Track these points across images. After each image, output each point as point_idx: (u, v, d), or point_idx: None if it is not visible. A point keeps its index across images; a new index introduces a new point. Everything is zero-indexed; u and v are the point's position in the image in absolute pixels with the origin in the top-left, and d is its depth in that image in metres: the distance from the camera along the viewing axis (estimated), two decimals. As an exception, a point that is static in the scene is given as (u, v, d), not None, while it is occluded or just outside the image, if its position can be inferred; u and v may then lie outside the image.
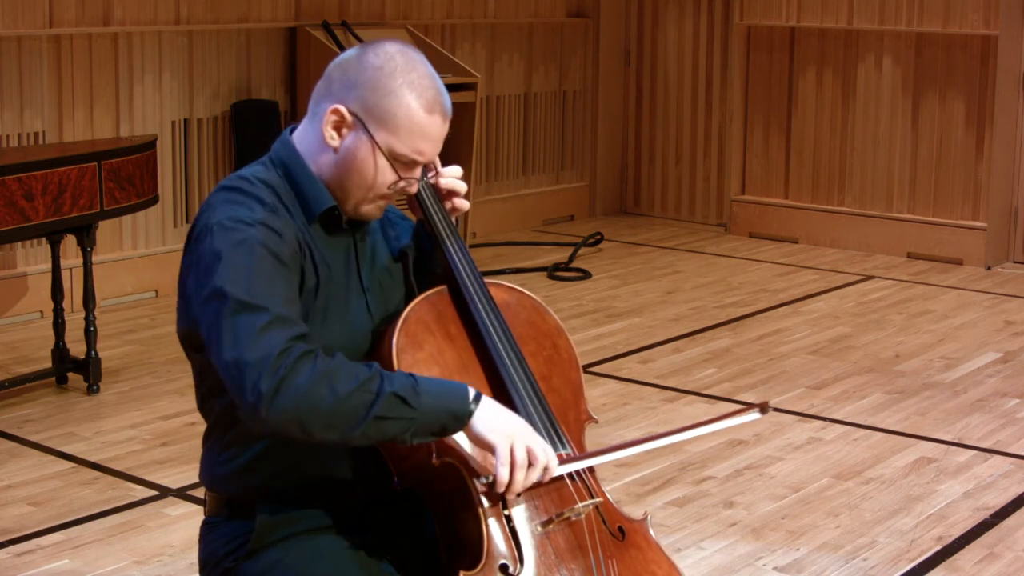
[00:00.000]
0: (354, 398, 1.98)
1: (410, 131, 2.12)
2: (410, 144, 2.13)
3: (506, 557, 2.09)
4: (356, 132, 2.13)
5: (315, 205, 2.17)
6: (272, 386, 1.94)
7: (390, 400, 1.99)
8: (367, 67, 2.13)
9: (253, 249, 2.04)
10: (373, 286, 2.26)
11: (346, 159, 2.15)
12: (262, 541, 2.17)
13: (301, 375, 1.95)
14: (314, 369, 1.97)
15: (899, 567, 3.64)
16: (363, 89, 2.12)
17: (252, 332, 1.97)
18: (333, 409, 1.97)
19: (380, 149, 2.13)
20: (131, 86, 6.26)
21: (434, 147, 2.17)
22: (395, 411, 2.00)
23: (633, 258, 7.55)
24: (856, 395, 5.12)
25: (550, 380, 2.29)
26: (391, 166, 2.14)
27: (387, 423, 2.00)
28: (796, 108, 8.02)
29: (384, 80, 2.11)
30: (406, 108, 2.11)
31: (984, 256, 7.37)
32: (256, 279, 2.02)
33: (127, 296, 6.30)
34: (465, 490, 2.11)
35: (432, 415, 2.02)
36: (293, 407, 1.95)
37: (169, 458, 4.37)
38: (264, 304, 1.99)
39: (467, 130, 7.06)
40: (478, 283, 2.26)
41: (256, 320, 1.98)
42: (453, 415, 2.04)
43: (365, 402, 1.98)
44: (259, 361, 1.95)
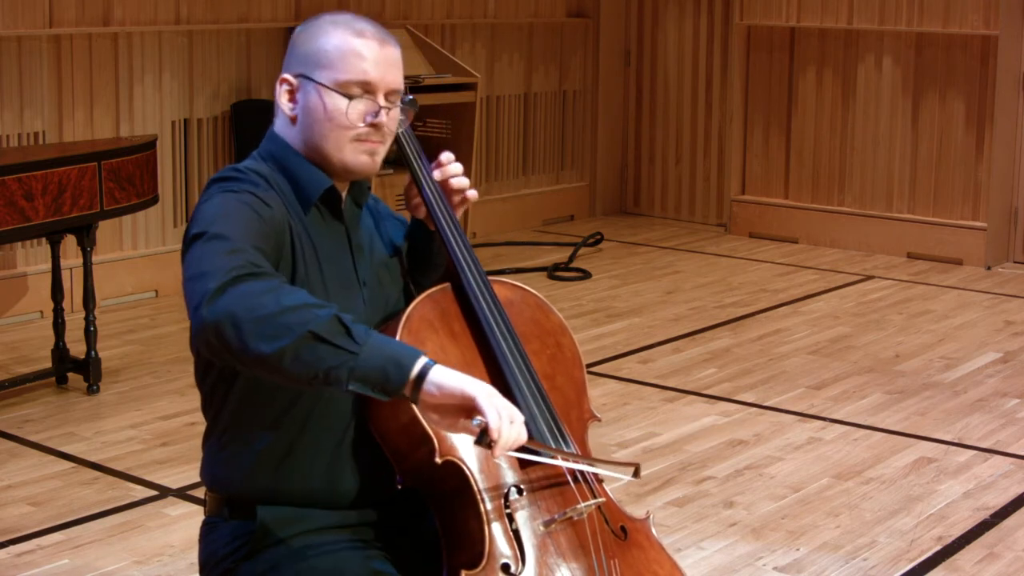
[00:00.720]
0: (298, 313, 1.86)
1: (345, 57, 2.16)
2: (351, 68, 2.15)
3: (508, 557, 2.09)
4: (303, 88, 2.18)
5: (311, 189, 2.19)
6: (220, 284, 1.87)
7: (333, 322, 1.87)
8: (296, 35, 2.23)
9: (235, 203, 2.06)
10: (370, 280, 2.26)
11: (305, 115, 2.19)
12: (263, 541, 2.17)
13: (253, 283, 1.89)
14: (268, 283, 1.90)
15: (899, 567, 3.64)
16: (297, 50, 2.20)
17: (217, 251, 1.94)
18: (272, 316, 1.85)
19: (325, 87, 2.16)
20: (131, 86, 6.26)
21: (378, 68, 2.16)
22: (335, 337, 1.86)
23: (633, 258, 7.55)
24: (856, 395, 5.12)
25: (554, 379, 2.29)
26: (340, 94, 2.16)
27: (324, 348, 1.86)
28: (796, 108, 8.02)
29: (311, 33, 2.20)
30: (335, 40, 2.17)
31: (984, 256, 7.37)
32: (232, 221, 2.01)
33: (127, 296, 6.30)
34: (467, 489, 2.11)
35: (375, 357, 1.87)
36: (233, 306, 1.85)
37: (169, 458, 4.37)
38: (233, 236, 1.97)
39: (467, 130, 7.06)
40: (482, 281, 2.26)
41: (223, 245, 1.95)
42: (397, 363, 1.88)
43: (306, 318, 1.86)
44: (215, 269, 1.90)
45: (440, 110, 7.00)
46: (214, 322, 1.86)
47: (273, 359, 1.86)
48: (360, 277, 2.24)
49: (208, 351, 1.91)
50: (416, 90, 6.52)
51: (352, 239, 2.26)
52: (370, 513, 2.23)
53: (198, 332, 1.89)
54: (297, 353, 1.85)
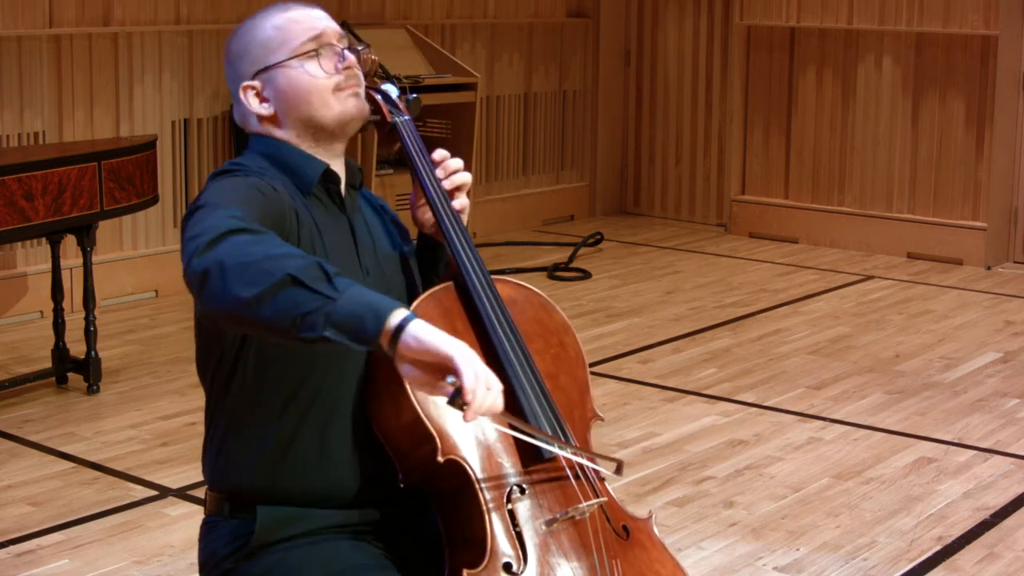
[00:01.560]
0: (281, 260, 1.85)
1: (286, 29, 2.21)
2: (296, 34, 2.20)
3: (510, 556, 2.09)
4: (268, 81, 2.20)
5: (308, 176, 2.21)
6: (212, 237, 1.88)
7: (314, 268, 1.86)
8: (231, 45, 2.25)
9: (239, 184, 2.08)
10: (374, 269, 2.27)
11: (283, 101, 2.21)
12: (263, 541, 2.16)
13: (243, 235, 1.89)
14: (260, 236, 1.90)
15: (899, 567, 3.64)
16: (241, 59, 2.23)
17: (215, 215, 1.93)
18: (256, 263, 1.85)
19: (285, 64, 2.20)
20: (131, 86, 6.26)
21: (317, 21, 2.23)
22: (314, 282, 1.84)
23: (633, 258, 7.55)
24: (856, 395, 5.12)
25: (557, 378, 2.29)
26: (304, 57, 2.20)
27: (302, 292, 1.83)
28: (796, 108, 8.02)
29: (243, 34, 2.24)
30: (267, 25, 2.22)
31: (984, 256, 7.37)
32: (233, 196, 2.03)
33: (127, 296, 6.30)
34: (469, 488, 2.10)
35: (353, 304, 1.84)
36: (221, 254, 1.86)
37: (169, 458, 4.37)
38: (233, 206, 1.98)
39: (467, 130, 7.06)
40: (485, 279, 2.26)
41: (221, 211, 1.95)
42: (374, 311, 1.85)
43: (288, 265, 1.85)
44: (210, 227, 1.90)
45: (440, 110, 7.00)
46: (202, 270, 1.86)
47: (252, 303, 1.84)
48: (363, 265, 2.25)
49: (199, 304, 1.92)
50: (416, 90, 6.53)
51: (354, 227, 2.26)
52: (372, 512, 2.22)
53: (189, 282, 1.89)
54: (275, 297, 1.84)
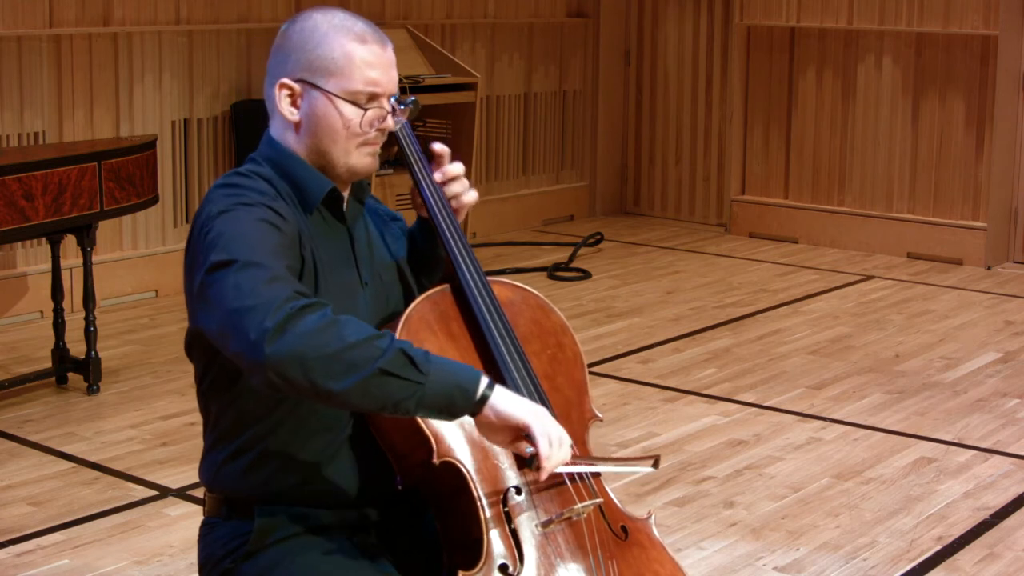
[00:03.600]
0: (362, 348, 1.91)
1: (354, 66, 2.15)
2: (360, 77, 2.15)
3: (506, 557, 2.09)
4: (308, 94, 2.16)
5: (313, 194, 2.18)
6: (277, 323, 1.88)
7: (399, 356, 1.92)
8: (291, 35, 2.18)
9: (254, 223, 2.04)
10: (372, 280, 2.26)
11: (311, 123, 2.17)
12: (261, 542, 2.16)
13: (308, 318, 1.90)
14: (323, 315, 1.92)
15: (899, 567, 3.64)
16: (296, 54, 2.16)
17: (257, 283, 1.93)
18: (338, 354, 1.89)
19: (335, 95, 2.15)
20: (131, 86, 6.26)
21: (384, 73, 2.18)
22: (402, 370, 1.92)
23: (633, 258, 7.55)
24: (856, 395, 5.12)
25: (554, 379, 2.29)
26: (352, 104, 2.16)
27: (392, 381, 1.92)
28: (796, 108, 8.02)
29: (310, 35, 2.16)
30: (340, 47, 2.14)
31: (984, 256, 7.37)
32: (259, 246, 2.00)
33: (127, 296, 6.30)
34: (465, 490, 2.10)
35: (440, 385, 1.95)
36: (298, 345, 1.87)
37: (169, 458, 4.37)
38: (268, 263, 1.97)
39: (467, 130, 7.06)
40: (481, 281, 2.26)
41: (261, 274, 1.95)
42: (462, 389, 1.96)
43: (372, 354, 1.90)
44: (265, 304, 1.90)
45: (440, 110, 7.00)
46: (279, 362, 1.88)
47: (343, 395, 1.91)
48: (362, 277, 2.25)
49: (268, 387, 1.93)
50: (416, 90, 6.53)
51: (355, 239, 2.26)
52: (370, 513, 2.22)
53: (260, 369, 1.90)
54: (366, 389, 1.91)
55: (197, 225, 2.10)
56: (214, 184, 2.17)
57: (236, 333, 1.91)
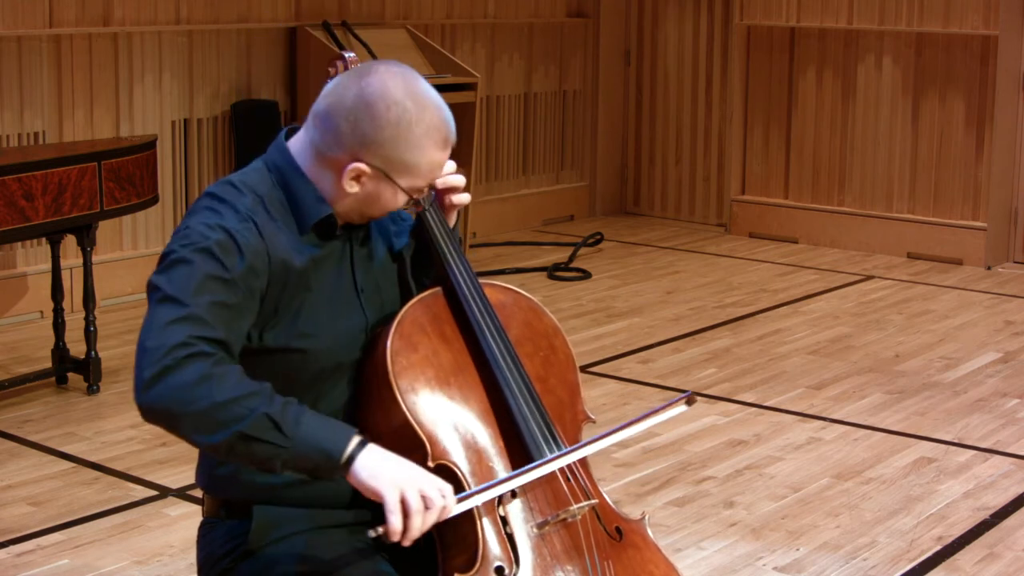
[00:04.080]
0: (229, 408, 1.94)
1: (431, 170, 2.18)
2: (428, 178, 2.19)
3: (501, 559, 2.09)
4: (378, 180, 2.15)
5: (309, 216, 2.17)
6: (153, 373, 1.94)
7: (261, 420, 1.95)
8: (383, 123, 2.11)
9: (199, 255, 2.04)
10: (368, 286, 2.26)
11: (367, 199, 2.18)
12: (259, 541, 2.17)
13: (186, 371, 1.94)
14: (201, 368, 1.95)
15: (899, 567, 3.64)
16: (381, 146, 2.12)
17: (162, 322, 1.98)
18: (204, 413, 1.93)
19: (402, 189, 2.17)
20: (131, 86, 6.26)
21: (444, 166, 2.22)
22: (265, 433, 1.95)
23: (633, 258, 7.55)
24: (856, 395, 5.12)
25: (546, 381, 2.29)
26: (409, 196, 2.19)
27: (255, 444, 1.96)
28: (796, 108, 8.02)
29: (403, 135, 2.12)
30: (427, 156, 2.15)
31: (984, 256, 7.37)
32: (188, 281, 2.02)
33: (127, 296, 6.30)
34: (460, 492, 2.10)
35: (304, 450, 1.97)
36: (167, 400, 1.94)
37: (169, 458, 4.37)
38: (184, 300, 2.00)
39: (467, 130, 7.05)
40: (473, 284, 2.26)
41: (171, 312, 1.99)
42: (326, 454, 1.97)
43: (237, 415, 1.94)
44: (154, 348, 1.96)
45: (440, 110, 6.99)
46: (150, 411, 1.96)
47: (210, 448, 1.99)
48: (358, 284, 2.24)
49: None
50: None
51: (353, 247, 2.25)
52: (366, 513, 2.22)
53: (141, 411, 1.98)
54: (232, 448, 1.96)
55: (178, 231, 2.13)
56: (206, 189, 2.18)
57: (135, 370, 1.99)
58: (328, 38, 6.76)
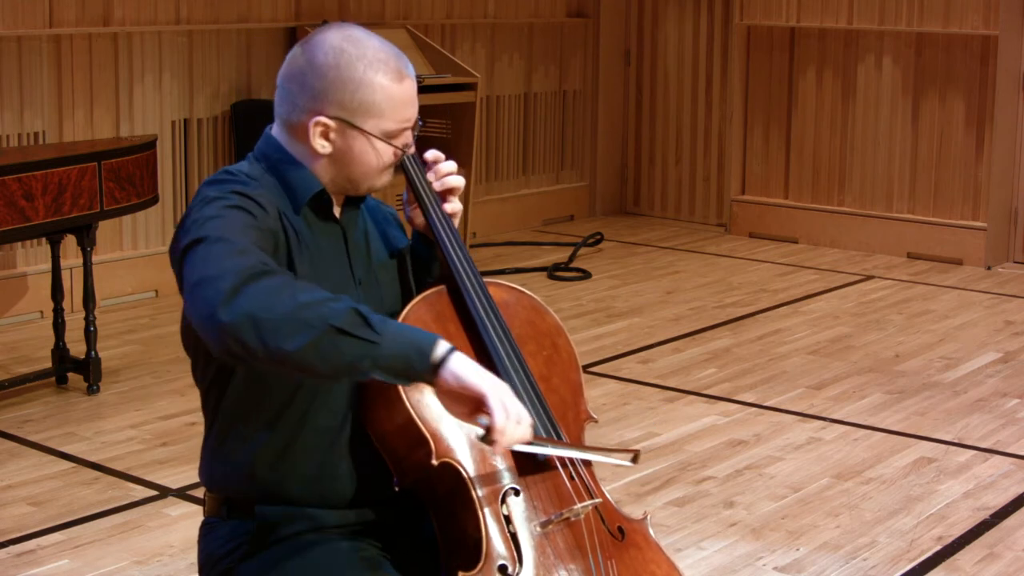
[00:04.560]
0: (315, 307, 1.89)
1: (393, 107, 2.17)
2: (397, 117, 2.18)
3: (505, 558, 2.09)
4: (344, 132, 2.16)
5: (302, 192, 2.19)
6: (233, 285, 1.89)
7: (351, 315, 1.90)
8: (325, 69, 2.14)
9: (228, 208, 2.06)
10: (367, 279, 2.26)
11: (344, 157, 2.18)
12: (261, 542, 2.17)
13: (264, 281, 1.91)
14: (280, 279, 1.92)
15: (899, 567, 3.64)
16: (332, 92, 2.14)
17: (223, 255, 1.95)
18: (291, 313, 1.87)
19: (374, 136, 2.17)
20: (131, 86, 6.26)
21: (415, 107, 2.21)
22: (356, 328, 1.90)
23: (633, 258, 7.55)
24: (856, 395, 5.12)
25: (549, 380, 2.29)
26: (388, 144, 2.19)
27: (346, 340, 1.89)
28: (796, 108, 8.02)
29: (346, 74, 2.14)
30: (380, 90, 2.15)
31: (984, 256, 7.37)
32: (229, 225, 2.02)
33: (127, 296, 6.30)
34: (464, 491, 2.11)
35: (395, 345, 1.92)
36: (251, 307, 1.87)
37: (169, 458, 4.37)
38: (235, 240, 1.99)
39: (467, 130, 7.06)
40: (477, 283, 2.26)
41: (228, 248, 1.96)
42: (418, 349, 1.93)
43: (325, 313, 1.89)
44: (226, 271, 1.91)
45: (440, 110, 7.00)
46: (232, 323, 1.87)
47: (296, 355, 1.88)
48: (355, 276, 2.25)
49: (227, 354, 1.92)
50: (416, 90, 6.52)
51: (348, 237, 2.26)
52: (368, 513, 2.23)
53: (216, 335, 1.89)
54: (319, 348, 1.88)
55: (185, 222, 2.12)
56: (203, 183, 2.19)
57: (196, 302, 1.91)
58: (328, 38, 6.75)
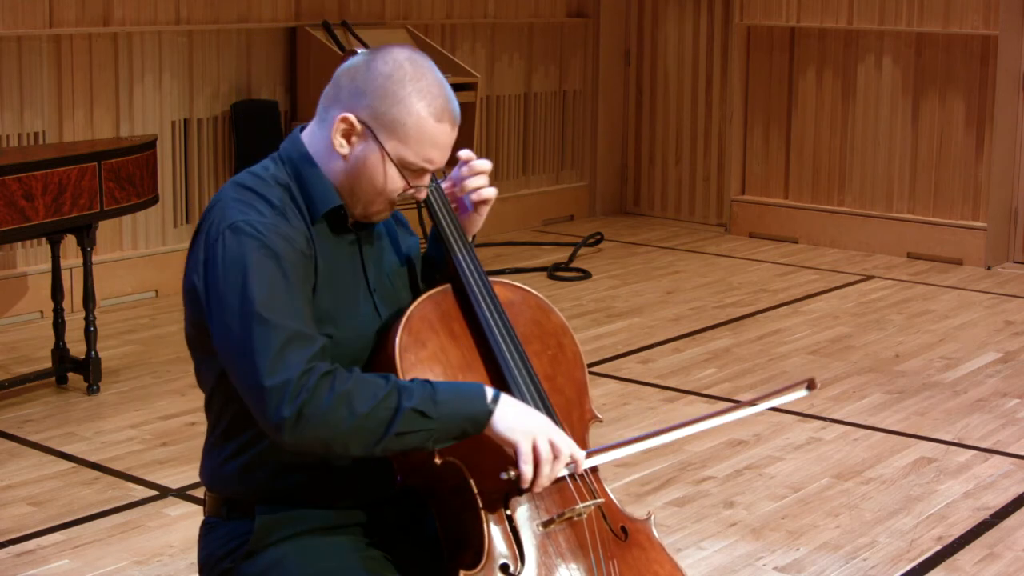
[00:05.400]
0: (373, 417, 2.01)
1: (420, 140, 2.13)
2: (420, 153, 2.14)
3: (507, 557, 2.09)
4: (366, 140, 2.13)
5: (320, 204, 2.16)
6: (294, 412, 1.98)
7: (409, 415, 2.02)
8: (376, 75, 2.12)
9: (271, 262, 2.04)
10: (380, 287, 2.25)
11: (356, 166, 2.15)
12: (261, 541, 2.17)
13: (321, 399, 1.98)
14: (332, 390, 1.99)
15: (899, 567, 3.64)
16: (372, 98, 2.11)
17: (271, 353, 1.99)
18: (353, 429, 2.00)
19: (390, 158, 2.13)
20: (131, 86, 6.26)
21: (443, 154, 2.17)
22: (415, 424, 2.02)
23: (633, 258, 7.55)
24: (856, 395, 5.12)
25: (554, 379, 2.29)
26: (401, 174, 2.14)
27: (407, 437, 2.03)
28: (796, 108, 8.02)
29: (393, 88, 2.11)
30: (416, 117, 2.11)
31: (984, 256, 7.37)
32: (274, 293, 2.02)
33: (127, 296, 6.30)
34: (466, 489, 2.11)
35: (451, 422, 2.05)
36: (314, 431, 1.99)
37: (169, 458, 4.37)
38: (283, 321, 2.01)
39: (467, 130, 7.05)
40: (482, 281, 2.26)
41: (275, 339, 1.99)
42: (471, 419, 2.06)
43: (385, 419, 2.01)
44: (280, 386, 1.98)
45: (440, 110, 6.99)
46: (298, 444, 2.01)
47: (365, 455, 2.06)
48: (370, 285, 2.24)
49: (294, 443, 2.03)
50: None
51: (363, 247, 2.25)
52: (369, 513, 2.23)
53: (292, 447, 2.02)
54: (387, 448, 2.05)
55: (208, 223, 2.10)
56: (229, 180, 2.17)
57: (257, 411, 2.02)
58: (328, 38, 6.76)
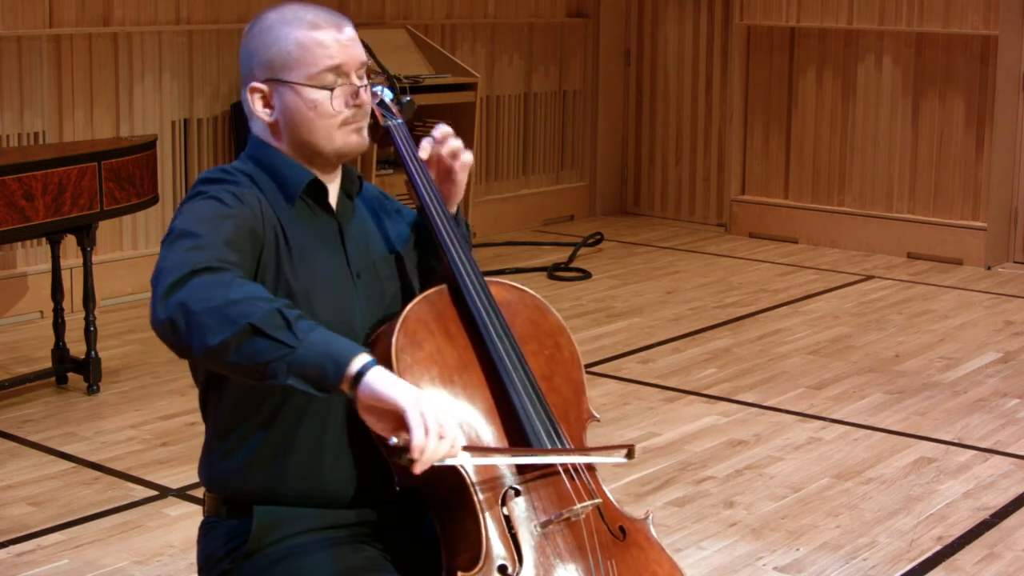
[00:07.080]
0: (242, 305, 1.89)
1: (310, 51, 2.17)
2: (318, 60, 2.17)
3: (504, 558, 2.09)
4: (277, 92, 2.19)
5: (294, 184, 2.20)
6: (175, 279, 1.92)
7: (273, 315, 1.89)
8: (250, 39, 2.22)
9: (204, 201, 2.10)
10: (365, 272, 2.26)
11: (287, 118, 2.19)
12: (260, 541, 2.17)
13: (206, 276, 1.93)
14: (221, 276, 1.93)
15: (899, 567, 3.64)
16: (257, 57, 2.20)
17: (181, 250, 1.97)
18: (217, 308, 1.88)
19: (300, 85, 2.17)
20: (131, 86, 6.26)
21: (342, 50, 2.18)
22: (274, 330, 1.88)
23: (633, 258, 7.55)
24: (856, 395, 5.12)
25: (551, 379, 2.29)
26: (319, 88, 2.17)
27: (263, 341, 1.88)
28: (796, 108, 8.02)
29: (264, 35, 2.19)
30: (293, 40, 2.17)
31: (984, 256, 7.37)
32: (201, 218, 2.05)
33: (127, 296, 6.30)
34: (464, 491, 2.10)
35: (312, 353, 1.88)
36: (185, 298, 1.89)
37: (169, 458, 4.37)
38: (200, 233, 2.01)
39: (467, 130, 7.05)
40: (478, 282, 2.26)
41: (188, 242, 1.99)
42: (334, 360, 1.88)
43: (248, 311, 1.88)
44: (175, 266, 1.94)
45: (440, 110, 6.99)
46: (167, 317, 1.91)
47: (217, 351, 1.89)
48: (352, 269, 2.25)
49: (167, 346, 1.95)
50: (416, 90, 6.53)
51: (344, 232, 2.26)
52: (368, 512, 2.23)
53: (157, 328, 1.93)
54: (239, 346, 1.88)
55: None
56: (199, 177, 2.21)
57: (152, 295, 1.95)
58: (328, 38, 6.74)
